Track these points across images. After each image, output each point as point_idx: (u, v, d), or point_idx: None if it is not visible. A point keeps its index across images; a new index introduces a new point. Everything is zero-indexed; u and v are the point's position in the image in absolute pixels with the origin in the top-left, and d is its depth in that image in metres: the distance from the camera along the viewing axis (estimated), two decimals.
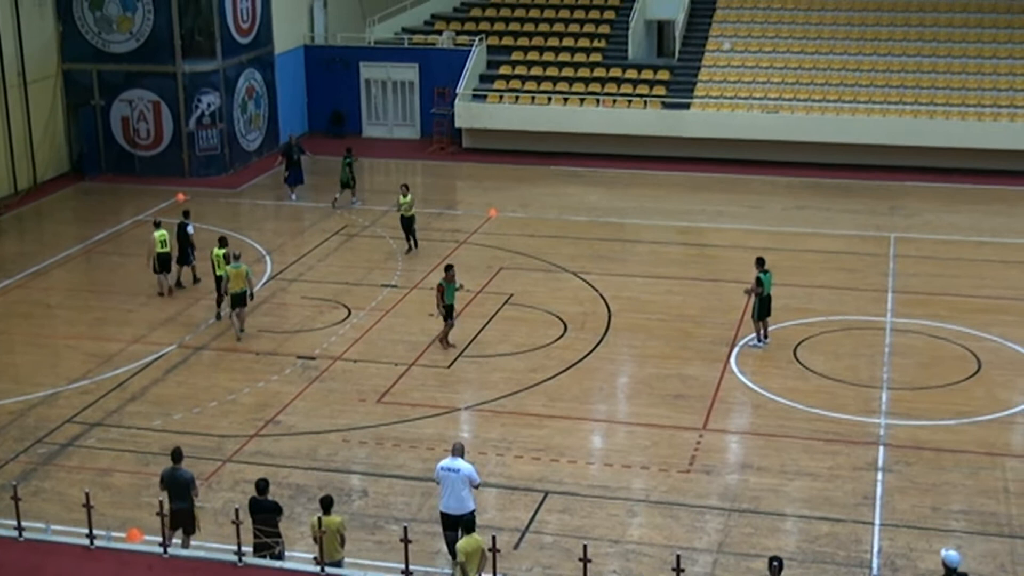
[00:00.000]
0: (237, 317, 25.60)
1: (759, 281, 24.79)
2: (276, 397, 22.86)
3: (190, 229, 28.60)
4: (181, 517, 16.91)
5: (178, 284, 28.69)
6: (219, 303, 26.60)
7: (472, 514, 16.52)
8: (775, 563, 14.48)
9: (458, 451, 17.19)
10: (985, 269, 29.91)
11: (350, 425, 21.71)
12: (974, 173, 38.37)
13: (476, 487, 17.10)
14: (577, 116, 41.05)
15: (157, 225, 28.29)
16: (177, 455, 17.13)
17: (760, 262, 25.17)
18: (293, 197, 36.25)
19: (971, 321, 26.23)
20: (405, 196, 30.90)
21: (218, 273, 26.25)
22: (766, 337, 25.12)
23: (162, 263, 28.02)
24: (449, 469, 16.95)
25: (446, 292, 24.75)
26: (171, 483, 16.94)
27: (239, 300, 25.49)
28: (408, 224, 31.16)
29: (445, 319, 24.97)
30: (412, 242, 31.23)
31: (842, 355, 24.55)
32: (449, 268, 25.21)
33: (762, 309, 24.93)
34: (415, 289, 28.44)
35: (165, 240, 27.94)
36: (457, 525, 16.23)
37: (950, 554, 14.47)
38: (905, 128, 38.85)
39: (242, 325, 25.65)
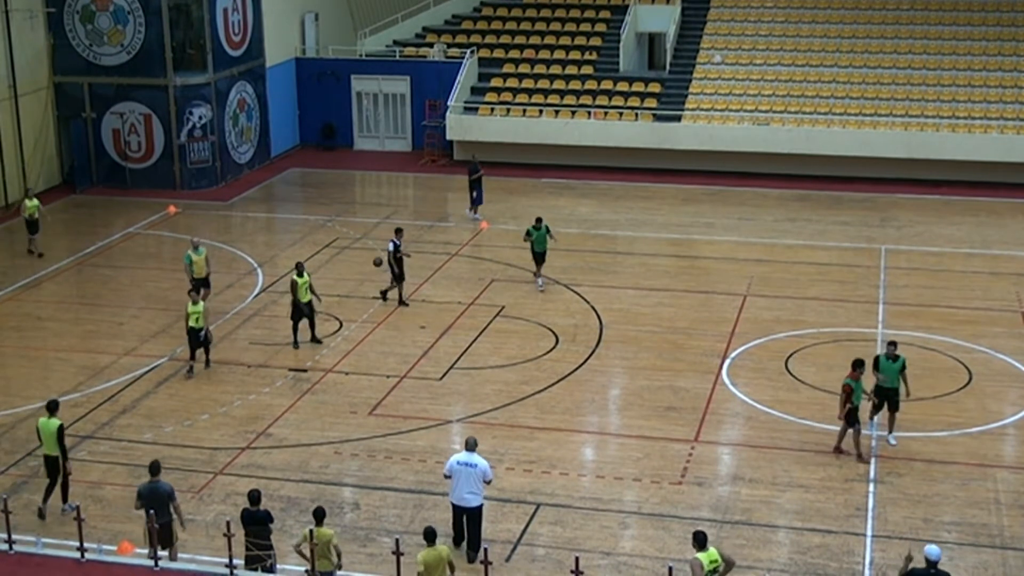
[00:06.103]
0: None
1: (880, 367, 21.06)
2: (268, 409, 22.83)
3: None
4: (165, 531, 16.74)
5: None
6: (295, 329, 25.87)
7: (481, 507, 17.43)
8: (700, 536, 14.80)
9: (472, 445, 17.52)
10: (975, 281, 29.98)
11: (342, 437, 21.68)
12: (964, 185, 38.51)
13: (488, 483, 17.59)
14: (568, 128, 41.11)
15: (26, 192, 33.31)
16: (155, 468, 16.98)
17: (892, 345, 21.24)
18: (471, 214, 35.58)
19: (961, 333, 26.29)
20: (195, 304, 24.18)
21: (304, 300, 25.62)
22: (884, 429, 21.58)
23: (31, 227, 31.99)
24: (466, 464, 17.36)
25: (854, 393, 20.37)
26: (151, 497, 16.65)
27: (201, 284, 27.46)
28: (204, 341, 24.34)
29: (850, 424, 20.56)
30: (204, 360, 24.44)
31: (834, 367, 24.49)
32: (858, 365, 20.34)
33: (883, 400, 21.18)
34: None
35: (36, 208, 32.09)
36: (465, 517, 17.41)
37: (931, 548, 14.51)
38: (895, 140, 38.97)
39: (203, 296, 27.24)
